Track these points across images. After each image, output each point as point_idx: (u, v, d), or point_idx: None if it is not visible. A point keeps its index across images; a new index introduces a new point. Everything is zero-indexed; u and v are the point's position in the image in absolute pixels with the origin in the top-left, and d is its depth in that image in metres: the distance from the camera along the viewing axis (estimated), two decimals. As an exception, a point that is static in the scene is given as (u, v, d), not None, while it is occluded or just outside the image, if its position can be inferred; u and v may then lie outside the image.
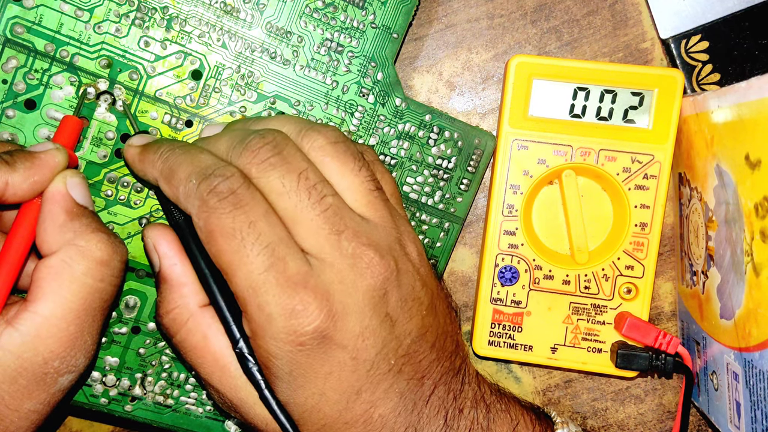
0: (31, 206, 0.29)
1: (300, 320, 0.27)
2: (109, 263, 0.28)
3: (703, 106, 0.34)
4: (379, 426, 0.29)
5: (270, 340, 0.27)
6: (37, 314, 0.27)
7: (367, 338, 0.28)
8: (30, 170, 0.28)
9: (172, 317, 0.30)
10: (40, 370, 0.27)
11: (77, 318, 0.28)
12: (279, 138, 0.29)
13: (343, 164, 0.29)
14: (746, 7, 0.36)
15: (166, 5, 0.33)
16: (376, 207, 0.29)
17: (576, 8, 0.38)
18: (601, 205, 0.37)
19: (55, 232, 0.28)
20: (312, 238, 0.28)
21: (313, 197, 0.28)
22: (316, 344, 0.27)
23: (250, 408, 0.29)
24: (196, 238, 0.30)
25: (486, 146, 0.36)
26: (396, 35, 0.35)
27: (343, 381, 0.28)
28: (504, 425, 0.32)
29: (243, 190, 0.27)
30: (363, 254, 0.28)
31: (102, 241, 0.28)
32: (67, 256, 0.28)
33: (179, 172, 0.28)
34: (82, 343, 0.28)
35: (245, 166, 0.28)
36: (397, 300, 0.29)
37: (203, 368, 0.30)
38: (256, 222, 0.27)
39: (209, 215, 0.27)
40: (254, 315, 0.27)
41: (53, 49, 0.32)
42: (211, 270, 0.30)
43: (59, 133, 0.31)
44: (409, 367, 0.29)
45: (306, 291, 0.27)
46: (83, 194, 0.29)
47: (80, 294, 0.28)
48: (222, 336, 0.29)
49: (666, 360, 0.35)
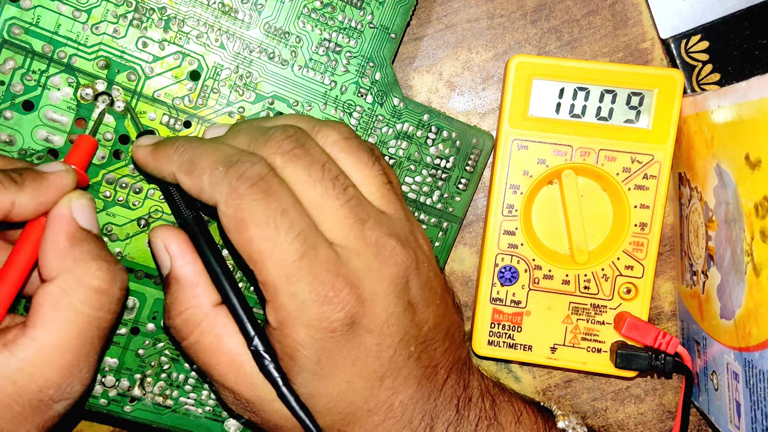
0: (36, 225, 0.29)
1: (332, 306, 0.27)
2: (108, 292, 0.28)
3: (703, 106, 0.33)
4: (400, 413, 0.30)
5: (301, 327, 0.27)
6: (35, 341, 0.27)
7: (392, 324, 0.28)
8: (37, 191, 0.28)
9: (185, 318, 0.30)
10: (35, 397, 0.27)
11: (74, 347, 0.27)
12: (300, 132, 0.29)
13: (358, 159, 0.30)
14: (746, 7, 0.36)
15: (164, 6, 0.33)
16: (390, 200, 0.30)
17: (576, 8, 0.38)
18: (601, 205, 0.37)
19: (55, 258, 0.28)
20: (337, 227, 0.28)
21: (338, 187, 0.28)
22: (345, 330, 0.28)
23: (268, 405, 0.29)
24: (207, 237, 0.30)
25: (484, 146, 0.36)
26: (394, 35, 0.34)
27: (369, 367, 0.28)
28: (509, 415, 0.33)
29: (272, 177, 0.27)
30: (386, 243, 0.28)
31: (101, 269, 0.28)
32: (65, 284, 0.27)
33: (201, 162, 0.28)
34: (78, 371, 0.28)
35: (269, 156, 0.28)
36: (417, 288, 0.29)
37: (217, 369, 0.30)
38: (288, 210, 0.27)
39: (240, 202, 0.27)
40: (286, 303, 0.27)
41: (51, 50, 0.32)
42: (224, 268, 0.30)
43: (72, 153, 0.31)
44: (425, 354, 0.30)
45: (338, 278, 0.27)
46: (88, 217, 0.29)
47: (77, 323, 0.27)
48: (236, 335, 0.29)
49: (665, 360, 0.35)
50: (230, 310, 0.30)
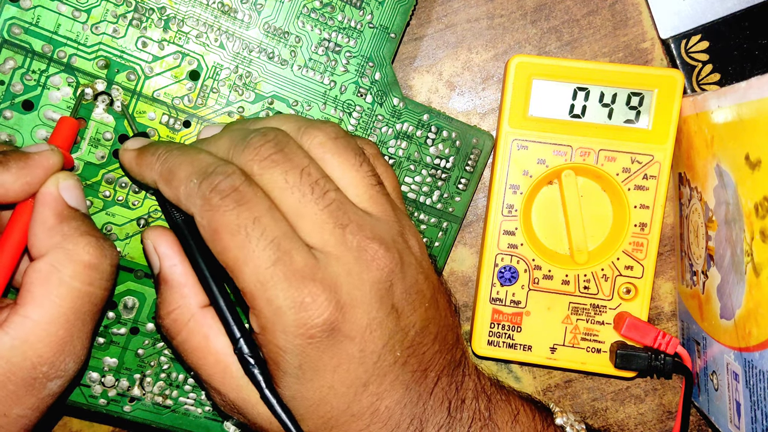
0: (25, 207, 0.29)
1: (309, 312, 0.27)
2: (98, 267, 0.28)
3: (703, 106, 0.33)
4: (386, 418, 0.29)
5: (280, 334, 0.27)
6: (27, 318, 0.27)
7: (375, 330, 0.28)
8: (23, 170, 0.28)
9: (173, 318, 0.30)
10: (29, 375, 0.27)
11: (66, 322, 0.27)
12: (280, 136, 0.29)
13: (345, 160, 0.29)
14: (746, 7, 0.36)
15: (164, 6, 0.33)
16: (377, 201, 0.30)
17: (576, 8, 0.38)
18: (601, 206, 0.37)
19: (44, 235, 0.28)
20: (317, 232, 0.28)
21: (316, 192, 0.28)
22: (325, 336, 0.27)
23: (252, 407, 0.29)
24: (197, 239, 0.30)
25: (484, 145, 0.36)
26: (393, 35, 0.34)
27: (351, 373, 0.28)
28: (505, 414, 0.32)
29: (245, 187, 0.27)
30: (368, 247, 0.28)
31: (90, 244, 0.28)
32: (54, 259, 0.27)
33: (179, 173, 0.28)
34: (72, 348, 0.28)
35: (247, 164, 0.28)
36: (401, 292, 0.29)
37: (204, 369, 0.30)
38: (261, 217, 0.27)
39: (212, 213, 0.27)
40: (263, 309, 0.27)
41: (50, 50, 0.32)
42: (211, 270, 0.30)
43: (55, 135, 0.31)
44: (413, 359, 0.30)
45: (314, 283, 0.27)
46: (75, 197, 0.29)
47: (69, 298, 0.27)
48: (222, 336, 0.29)
49: (665, 360, 0.35)
50: (217, 312, 0.30)
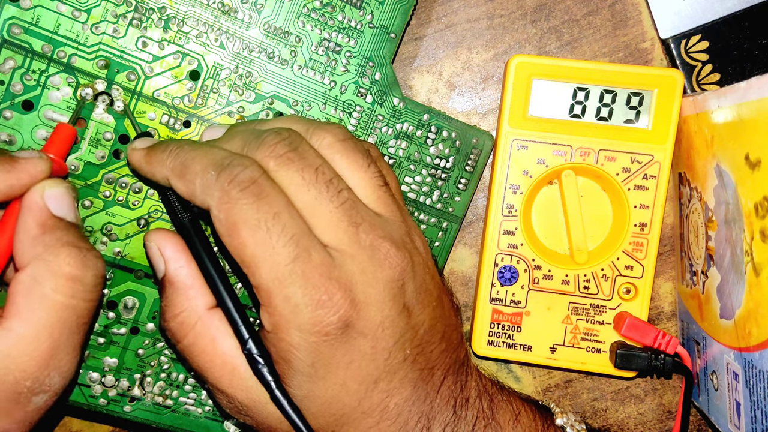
0: (13, 213, 0.28)
1: (326, 310, 0.27)
2: (81, 279, 0.27)
3: (703, 106, 0.33)
4: (395, 415, 0.29)
5: (295, 331, 0.27)
6: (11, 332, 0.26)
7: (387, 328, 0.28)
8: (8, 173, 0.28)
9: (179, 321, 0.30)
10: (12, 389, 0.26)
11: (50, 337, 0.27)
12: (294, 135, 0.29)
13: (353, 161, 0.30)
14: (746, 7, 0.36)
15: (164, 6, 0.33)
16: (385, 202, 0.30)
17: (576, 8, 0.38)
18: (601, 206, 0.37)
19: (27, 244, 0.27)
20: (331, 230, 0.28)
21: (331, 191, 0.28)
22: (339, 334, 0.27)
23: (262, 408, 0.29)
24: (203, 239, 0.30)
25: (484, 145, 0.36)
26: (393, 35, 0.34)
27: (363, 370, 0.28)
28: (507, 414, 0.33)
29: (264, 180, 0.27)
30: (380, 246, 0.28)
31: (71, 255, 0.27)
32: (36, 272, 0.27)
33: (194, 166, 0.28)
34: (57, 362, 0.27)
35: (263, 160, 0.28)
36: (412, 291, 0.29)
37: (212, 372, 0.30)
38: (280, 213, 0.27)
39: (231, 206, 0.27)
40: (278, 307, 0.27)
41: (50, 50, 0.32)
42: (218, 271, 0.30)
43: (50, 142, 0.31)
44: (422, 357, 0.30)
45: (331, 282, 0.27)
46: (61, 205, 0.28)
47: (52, 312, 0.27)
48: (230, 338, 0.29)
49: (665, 360, 0.35)
50: (225, 313, 0.29)
